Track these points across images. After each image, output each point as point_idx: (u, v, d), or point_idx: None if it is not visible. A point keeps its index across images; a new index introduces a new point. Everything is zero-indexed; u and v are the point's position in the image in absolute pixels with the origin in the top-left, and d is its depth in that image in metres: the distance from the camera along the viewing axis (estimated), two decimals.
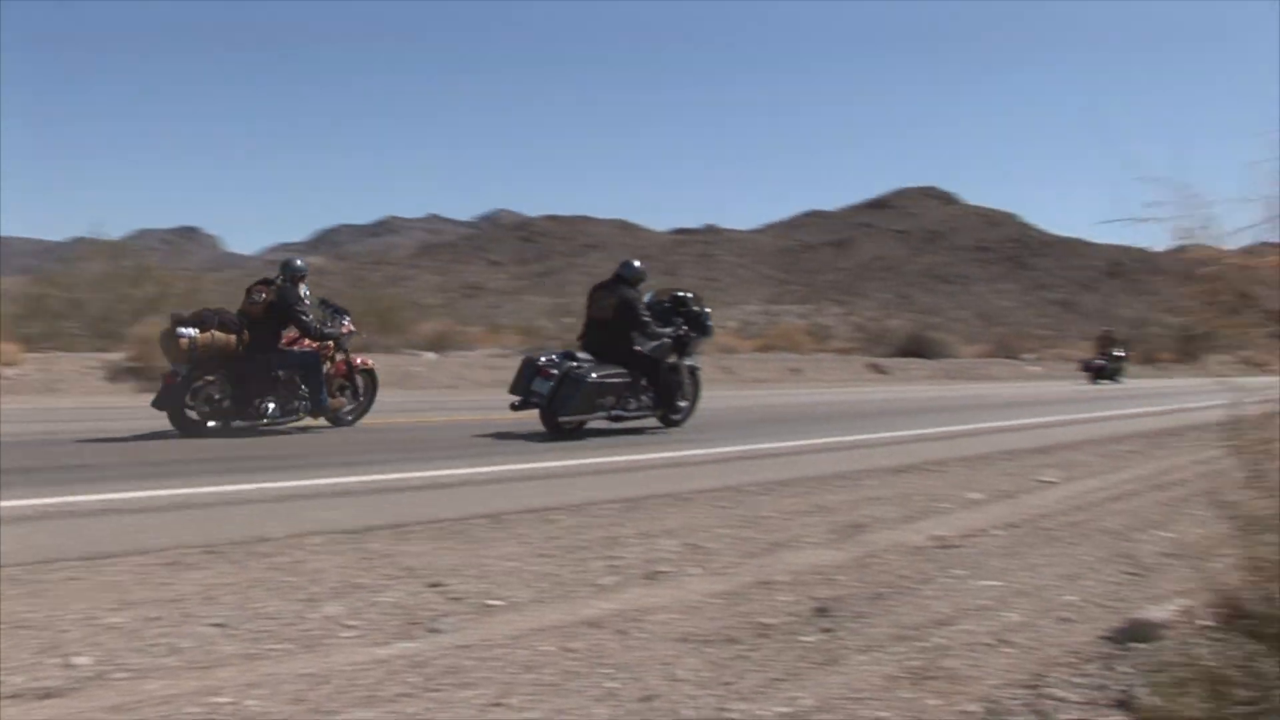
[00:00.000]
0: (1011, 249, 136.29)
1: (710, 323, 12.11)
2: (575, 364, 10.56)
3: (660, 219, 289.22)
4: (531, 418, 10.46)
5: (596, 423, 10.78)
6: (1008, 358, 42.90)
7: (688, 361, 11.79)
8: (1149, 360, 52.14)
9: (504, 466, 8.17)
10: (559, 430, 10.37)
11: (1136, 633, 3.54)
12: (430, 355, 22.37)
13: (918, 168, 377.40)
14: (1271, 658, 2.53)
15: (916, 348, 37.11)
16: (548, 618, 3.86)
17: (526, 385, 10.60)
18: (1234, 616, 2.68)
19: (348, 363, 10.96)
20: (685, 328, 11.64)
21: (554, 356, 10.74)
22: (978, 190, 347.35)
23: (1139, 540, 5.58)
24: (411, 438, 10.41)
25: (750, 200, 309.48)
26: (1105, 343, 33.49)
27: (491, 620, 3.83)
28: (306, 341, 10.43)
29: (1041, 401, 19.71)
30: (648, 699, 3.04)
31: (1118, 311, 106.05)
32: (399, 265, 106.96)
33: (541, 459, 8.73)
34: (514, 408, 10.61)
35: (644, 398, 11.16)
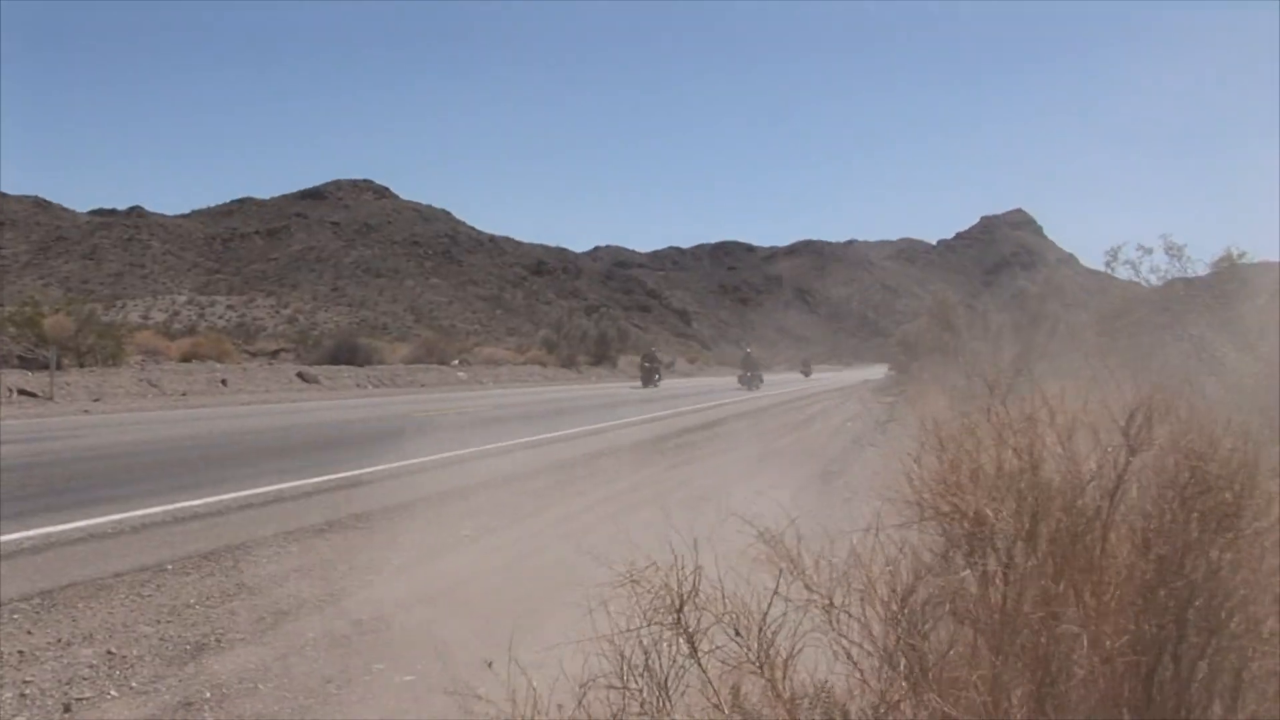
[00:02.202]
0: (443, 245, 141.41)
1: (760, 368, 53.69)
2: (748, 374, 48.88)
3: (80, 199, 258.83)
4: None
5: None
6: (439, 363, 44.63)
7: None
8: (570, 364, 57.08)
9: None
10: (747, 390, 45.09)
11: None
12: None
13: (353, 160, 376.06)
14: None
15: (348, 354, 37.19)
16: None
17: (740, 379, 49.53)
18: None
19: None
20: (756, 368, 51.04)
21: (743, 373, 49.54)
22: (411, 185, 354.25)
23: (541, 612, 5.63)
24: None
25: (178, 184, 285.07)
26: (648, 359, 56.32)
27: None
28: None
29: (448, 427, 20.54)
30: None
31: (543, 309, 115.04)
32: None
33: None
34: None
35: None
